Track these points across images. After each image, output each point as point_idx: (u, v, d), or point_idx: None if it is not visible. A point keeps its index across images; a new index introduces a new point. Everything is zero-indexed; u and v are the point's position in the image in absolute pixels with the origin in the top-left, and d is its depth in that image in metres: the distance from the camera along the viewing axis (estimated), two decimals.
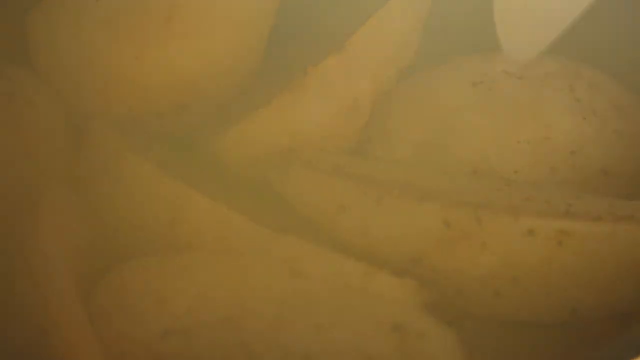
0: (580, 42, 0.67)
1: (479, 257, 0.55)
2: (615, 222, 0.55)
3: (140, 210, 0.59)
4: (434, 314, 0.55)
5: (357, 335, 0.53)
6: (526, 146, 0.61)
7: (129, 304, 0.54)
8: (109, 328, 0.53)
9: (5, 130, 0.61)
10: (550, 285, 0.56)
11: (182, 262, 0.56)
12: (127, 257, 0.57)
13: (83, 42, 0.63)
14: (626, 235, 0.55)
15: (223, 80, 0.64)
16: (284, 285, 0.55)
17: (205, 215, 0.57)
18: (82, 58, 0.63)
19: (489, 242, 0.55)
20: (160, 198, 0.58)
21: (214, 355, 0.52)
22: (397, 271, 0.56)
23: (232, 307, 0.53)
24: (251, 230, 0.57)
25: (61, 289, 0.53)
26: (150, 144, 0.62)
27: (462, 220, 0.55)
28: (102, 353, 0.52)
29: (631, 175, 0.62)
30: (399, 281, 0.55)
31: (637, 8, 0.68)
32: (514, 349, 0.57)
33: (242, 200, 0.59)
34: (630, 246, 0.55)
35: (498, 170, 0.61)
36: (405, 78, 0.65)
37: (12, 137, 0.61)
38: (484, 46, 0.66)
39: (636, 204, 0.58)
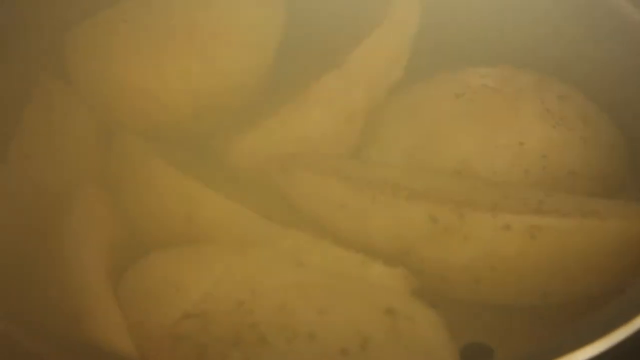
0: (549, 59, 0.71)
1: (461, 249, 0.57)
2: (581, 218, 0.57)
3: (162, 207, 0.60)
4: (421, 299, 0.57)
5: (354, 317, 0.54)
6: (503, 150, 0.63)
7: (152, 291, 0.56)
8: (135, 312, 0.55)
9: (46, 137, 0.63)
10: (524, 273, 0.58)
11: (199, 254, 0.58)
12: (151, 249, 0.58)
13: (113, 60, 0.65)
14: (591, 229, 0.57)
15: (235, 93, 0.66)
16: (290, 274, 0.56)
17: (219, 212, 0.59)
18: (112, 74, 0.65)
19: (470, 236, 0.57)
20: (179, 196, 0.59)
21: (228, 336, 0.53)
22: (390, 261, 0.58)
23: (243, 293, 0.55)
24: (260, 225, 0.58)
25: (94, 278, 0.55)
26: (170, 149, 0.63)
27: (446, 216, 0.57)
28: (130, 334, 0.53)
29: (596, 176, 0.65)
30: (391, 270, 0.57)
31: (597, 28, 0.70)
32: (491, 328, 0.60)
33: (251, 199, 0.60)
34: (595, 238, 0.57)
35: (478, 172, 0.63)
36: (396, 90, 0.67)
37: (51, 143, 0.63)
38: (466, 62, 0.69)
39: (600, 202, 0.60)
